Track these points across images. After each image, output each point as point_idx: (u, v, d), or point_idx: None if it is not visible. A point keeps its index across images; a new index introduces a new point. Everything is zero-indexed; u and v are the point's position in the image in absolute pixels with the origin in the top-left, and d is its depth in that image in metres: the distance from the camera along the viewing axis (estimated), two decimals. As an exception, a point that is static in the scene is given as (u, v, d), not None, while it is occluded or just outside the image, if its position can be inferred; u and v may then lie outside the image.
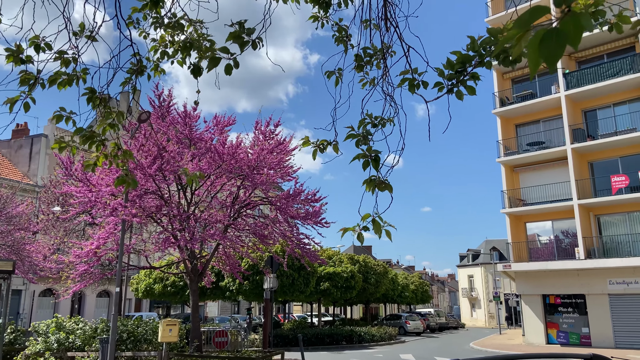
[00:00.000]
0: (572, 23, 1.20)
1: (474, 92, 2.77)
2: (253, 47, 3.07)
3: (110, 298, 37.76)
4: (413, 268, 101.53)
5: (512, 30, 1.32)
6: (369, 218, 2.82)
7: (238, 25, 3.00)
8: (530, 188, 28.03)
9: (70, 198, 18.91)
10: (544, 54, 1.21)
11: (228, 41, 3.04)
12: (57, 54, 3.26)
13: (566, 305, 25.85)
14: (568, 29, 1.20)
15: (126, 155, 3.43)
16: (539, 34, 1.23)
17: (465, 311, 71.10)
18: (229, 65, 3.06)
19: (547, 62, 1.23)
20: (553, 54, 1.21)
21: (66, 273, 17.31)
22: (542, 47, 1.22)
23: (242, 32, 3.00)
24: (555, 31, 1.22)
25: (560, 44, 1.20)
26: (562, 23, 1.21)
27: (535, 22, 1.33)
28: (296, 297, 27.99)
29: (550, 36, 1.21)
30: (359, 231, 2.85)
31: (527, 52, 1.26)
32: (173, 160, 15.58)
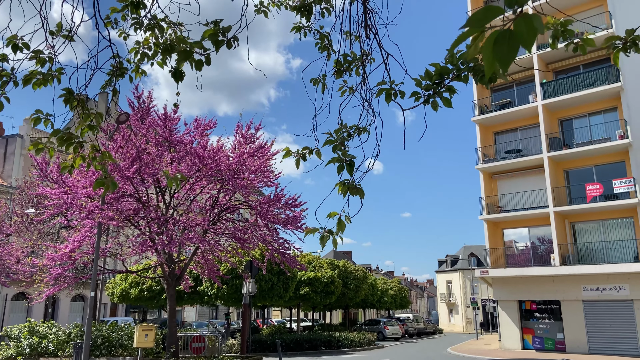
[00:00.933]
0: (524, 25, 1.18)
1: (449, 105, 2.81)
2: (228, 46, 3.06)
3: (85, 302, 37.05)
4: (392, 273, 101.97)
5: (469, 27, 1.29)
6: (335, 216, 2.84)
7: (213, 24, 2.99)
8: (508, 195, 28.46)
9: (45, 200, 18.53)
10: (498, 55, 1.19)
11: (204, 39, 3.03)
12: (32, 53, 3.20)
13: (542, 311, 26.25)
14: (521, 31, 1.18)
15: (105, 157, 3.37)
16: (493, 35, 1.21)
17: (443, 316, 71.65)
18: (199, 61, 3.05)
19: (500, 63, 1.21)
20: (506, 56, 1.19)
21: (40, 276, 16.96)
22: (496, 49, 1.20)
23: (217, 31, 2.99)
24: (508, 32, 1.20)
25: (513, 46, 1.19)
26: (515, 24, 1.19)
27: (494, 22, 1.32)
28: (275, 302, 27.85)
29: (504, 38, 1.20)
30: (324, 233, 2.87)
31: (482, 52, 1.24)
32: (152, 163, 15.40)
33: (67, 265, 15.69)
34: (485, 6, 1.28)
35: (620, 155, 25.26)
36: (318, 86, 3.72)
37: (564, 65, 28.06)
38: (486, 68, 1.24)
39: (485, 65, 1.24)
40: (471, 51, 1.35)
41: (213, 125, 18.40)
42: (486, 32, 1.36)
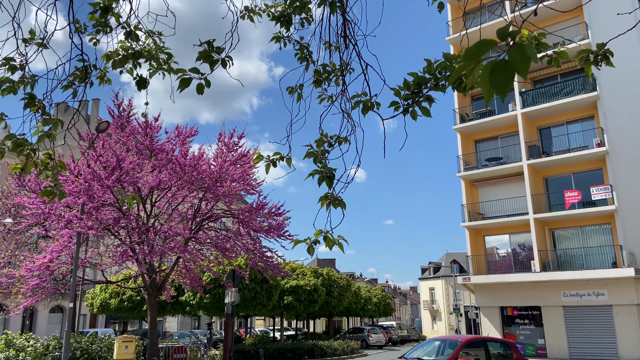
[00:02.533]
0: (518, 54, 1.27)
1: (428, 114, 2.85)
2: (223, 65, 3.07)
3: (63, 314, 36.31)
4: (376, 281, 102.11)
5: (463, 62, 1.39)
6: (320, 235, 2.88)
7: (207, 44, 3.01)
8: (489, 202, 28.79)
9: (23, 209, 18.17)
10: (495, 84, 1.28)
11: (198, 61, 3.04)
12: (3, 60, 3.15)
13: (523, 317, 26.52)
14: (515, 60, 1.27)
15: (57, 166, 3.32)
16: (489, 65, 1.30)
17: (426, 323, 71.88)
18: (200, 85, 3.06)
19: (498, 91, 1.30)
20: (503, 84, 1.27)
21: (17, 287, 16.58)
22: (492, 78, 1.28)
23: (211, 51, 3.00)
24: (503, 62, 1.28)
25: (509, 74, 1.27)
26: (509, 54, 1.28)
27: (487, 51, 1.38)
28: (258, 311, 27.64)
29: (499, 67, 1.28)
30: (310, 244, 2.91)
31: (480, 82, 1.33)
32: (132, 172, 15.23)
33: (45, 276, 15.38)
34: (479, 41, 1.38)
35: (597, 163, 25.78)
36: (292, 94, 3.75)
37: (542, 75, 28.61)
38: (485, 94, 1.33)
39: (484, 91, 1.32)
40: (470, 79, 1.43)
41: (194, 133, 18.30)
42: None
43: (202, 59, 3.00)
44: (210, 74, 3.13)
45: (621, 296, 23.47)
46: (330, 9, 3.39)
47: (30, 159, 3.18)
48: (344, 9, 3.37)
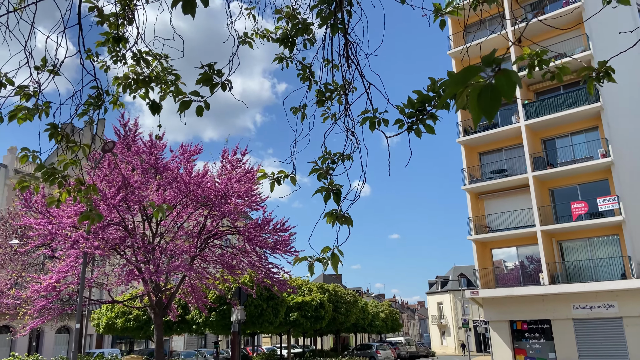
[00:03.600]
0: (504, 80, 1.31)
1: (432, 131, 2.88)
2: (223, 88, 3.11)
3: (70, 334, 36.16)
4: (383, 296, 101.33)
5: (450, 87, 1.43)
6: (328, 252, 2.87)
7: (208, 67, 3.05)
8: (495, 215, 28.64)
9: (30, 230, 18.24)
10: (482, 107, 1.32)
11: (198, 84, 3.08)
12: (17, 89, 3.21)
13: (533, 330, 26.19)
14: (501, 85, 1.31)
15: (89, 190, 3.37)
16: (476, 89, 1.35)
17: (435, 339, 71.05)
18: (200, 107, 3.10)
19: (485, 115, 1.34)
20: (490, 108, 1.32)
21: (24, 309, 16.57)
22: (480, 102, 1.33)
23: (212, 74, 3.04)
24: (490, 87, 1.33)
25: (496, 98, 1.31)
26: (496, 79, 1.32)
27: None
28: (265, 329, 27.45)
29: (487, 91, 1.33)
30: (311, 262, 2.91)
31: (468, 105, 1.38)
32: (138, 191, 15.30)
33: (51, 297, 15.37)
34: (465, 68, 1.42)
35: (603, 174, 25.66)
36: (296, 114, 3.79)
37: (544, 87, 28.67)
38: (473, 117, 1.37)
39: (472, 115, 1.36)
40: (459, 103, 1.48)
41: (199, 151, 18.39)
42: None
43: (202, 82, 3.04)
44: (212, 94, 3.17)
45: (631, 308, 23.16)
46: (332, 31, 3.44)
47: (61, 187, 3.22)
48: (345, 30, 3.42)
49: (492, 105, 1.31)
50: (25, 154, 3.29)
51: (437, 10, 3.59)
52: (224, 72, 3.11)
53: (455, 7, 3.59)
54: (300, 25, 3.70)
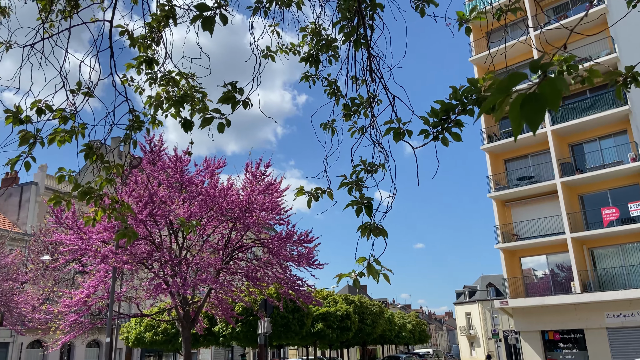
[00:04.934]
0: (549, 87, 1.24)
1: (459, 139, 2.86)
2: (244, 106, 3.18)
3: (100, 348, 36.69)
4: (409, 307, 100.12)
5: (493, 95, 1.36)
6: (364, 262, 2.87)
7: (230, 86, 3.12)
8: (523, 222, 28.11)
9: (60, 246, 18.65)
10: (525, 118, 1.26)
11: (219, 103, 3.15)
12: (55, 112, 3.33)
13: (565, 340, 25.49)
14: (546, 93, 1.24)
15: (124, 208, 3.45)
16: (519, 98, 1.28)
17: (464, 350, 69.74)
18: (221, 124, 3.16)
19: (529, 125, 1.27)
20: (534, 118, 1.25)
21: (55, 324, 16.89)
22: (523, 112, 1.26)
23: (234, 92, 3.11)
24: (534, 96, 1.26)
25: (540, 107, 1.25)
26: (540, 87, 1.26)
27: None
28: (291, 340, 27.38)
29: (530, 100, 1.26)
30: (355, 277, 2.91)
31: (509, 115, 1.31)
32: (164, 205, 15.52)
33: (82, 311, 15.64)
34: (511, 74, 1.36)
35: (633, 178, 25.00)
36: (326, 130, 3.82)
37: (570, 91, 28.14)
38: (513, 128, 1.30)
39: (513, 126, 1.30)
40: (498, 114, 1.42)
41: (222, 165, 18.57)
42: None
43: (223, 101, 3.12)
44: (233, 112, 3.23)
45: (670, 316, 22.38)
46: (355, 47, 3.47)
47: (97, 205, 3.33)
48: (368, 44, 3.45)
49: (536, 115, 1.24)
50: (62, 174, 3.40)
51: (462, 18, 3.59)
52: (244, 90, 3.17)
53: (479, 12, 3.58)
54: (324, 42, 3.74)
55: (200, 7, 2.81)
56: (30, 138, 3.21)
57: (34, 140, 3.21)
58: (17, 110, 3.30)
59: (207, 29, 2.88)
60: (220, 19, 2.96)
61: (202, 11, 2.83)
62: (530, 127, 1.28)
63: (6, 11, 4.88)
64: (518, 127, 1.29)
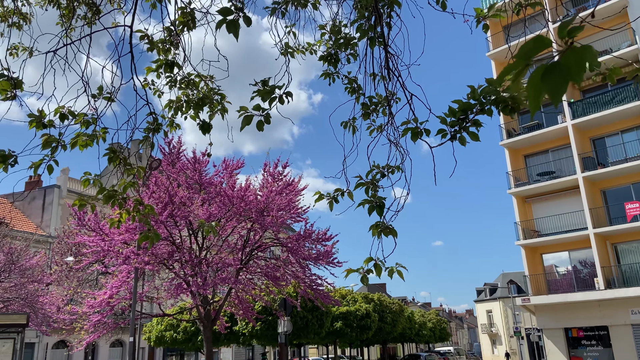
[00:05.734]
0: (574, 57, 1.14)
1: (477, 138, 2.84)
2: (280, 102, 3.20)
3: (123, 348, 37.26)
4: (429, 305, 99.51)
5: (515, 61, 1.26)
6: (371, 262, 2.90)
7: (262, 83, 3.14)
8: (544, 218, 27.70)
9: (84, 248, 18.99)
10: (548, 88, 1.15)
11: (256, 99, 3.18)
12: (77, 117, 3.40)
13: (589, 338, 25.07)
14: (570, 63, 1.14)
15: (147, 210, 3.51)
16: (539, 69, 1.17)
17: (486, 348, 69.05)
18: (260, 122, 3.20)
19: (551, 96, 1.17)
20: (557, 89, 1.15)
21: (80, 324, 17.20)
22: (545, 82, 1.16)
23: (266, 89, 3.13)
24: (557, 65, 1.16)
25: (563, 78, 1.14)
26: (564, 57, 1.15)
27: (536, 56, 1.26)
28: (311, 339, 27.46)
29: (553, 70, 1.16)
30: (363, 273, 2.93)
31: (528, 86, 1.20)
32: (184, 206, 15.69)
33: (106, 312, 15.91)
34: (535, 37, 1.26)
35: (658, 172, 24.45)
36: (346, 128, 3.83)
37: (591, 84, 27.63)
38: (531, 104, 1.20)
39: (531, 99, 1.20)
40: (514, 86, 1.32)
41: (241, 165, 18.70)
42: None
43: (262, 96, 3.12)
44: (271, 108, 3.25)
45: (698, 313, 21.84)
46: (370, 44, 3.46)
47: (121, 208, 3.40)
48: (385, 43, 3.45)
49: (559, 85, 1.13)
50: (87, 178, 3.48)
51: (479, 15, 3.56)
52: (282, 85, 3.20)
53: (497, 10, 3.54)
54: (343, 40, 3.75)
55: (224, 12, 2.85)
56: (53, 142, 3.28)
57: (57, 144, 3.28)
58: (41, 115, 3.38)
59: (232, 32, 2.91)
60: (244, 21, 2.99)
61: (225, 15, 2.86)
62: (551, 99, 1.17)
63: (27, 17, 4.99)
64: (537, 100, 1.18)
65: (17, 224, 32.59)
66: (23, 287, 20.95)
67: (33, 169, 3.38)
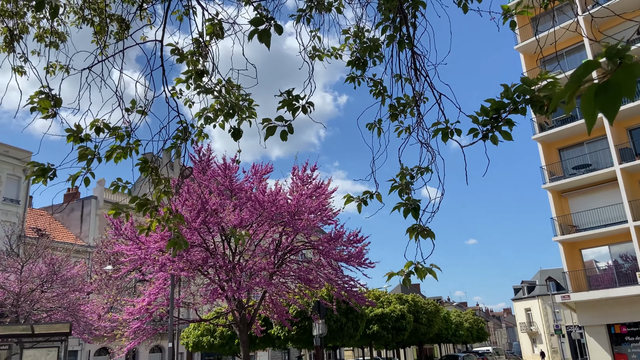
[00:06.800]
0: (624, 74, 1.19)
1: (509, 138, 2.81)
2: (304, 111, 3.25)
3: (162, 353, 37.97)
4: (465, 304, 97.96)
5: (567, 85, 1.32)
6: (411, 266, 2.89)
7: (287, 94, 3.20)
8: (582, 213, 26.94)
9: (121, 256, 19.48)
10: (601, 106, 1.21)
11: (281, 109, 3.25)
12: (112, 131, 3.52)
13: (633, 334, 24.22)
14: (621, 81, 1.19)
15: (176, 219, 3.60)
16: (592, 88, 1.23)
17: (526, 347, 67.50)
18: (284, 132, 3.25)
19: (605, 114, 1.22)
20: (610, 107, 1.20)
21: (120, 331, 17.61)
22: (598, 102, 1.21)
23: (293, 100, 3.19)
24: (608, 84, 1.21)
25: (616, 96, 1.20)
26: (614, 75, 1.20)
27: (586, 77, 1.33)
28: (346, 342, 27.40)
29: (605, 89, 1.21)
30: (404, 277, 2.93)
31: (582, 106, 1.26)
32: (216, 213, 15.92)
33: (144, 318, 16.26)
34: (585, 62, 1.33)
35: (701, 160, 23.47)
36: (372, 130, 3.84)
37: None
38: (587, 121, 1.26)
39: (586, 118, 1.26)
40: (568, 107, 1.38)
41: (270, 170, 18.84)
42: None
43: (286, 106, 3.18)
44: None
45: None
46: (399, 47, 3.47)
47: (153, 216, 3.50)
48: (412, 44, 3.44)
49: (613, 103, 1.19)
50: (117, 185, 3.59)
51: (506, 12, 3.52)
52: (304, 96, 3.24)
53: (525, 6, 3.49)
54: (369, 43, 3.77)
55: (255, 22, 2.92)
56: (89, 154, 3.41)
57: (92, 157, 3.40)
58: (78, 129, 3.51)
59: (264, 42, 3.00)
60: (275, 29, 3.06)
61: (257, 25, 2.92)
62: (607, 117, 1.22)
63: (63, 36, 5.19)
64: (592, 119, 1.23)
65: (57, 235, 33.68)
66: (65, 296, 21.62)
67: (71, 182, 3.50)
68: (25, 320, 19.80)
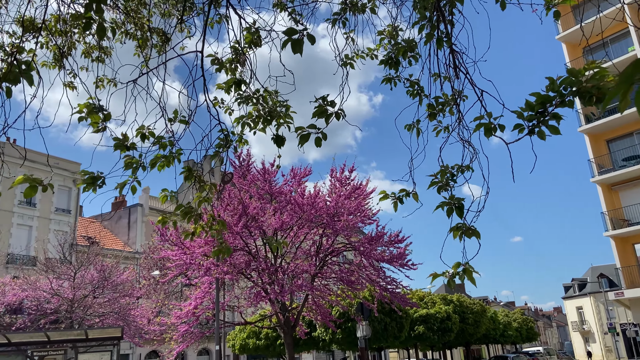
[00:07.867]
0: None
1: (557, 132, 2.72)
2: (337, 118, 3.27)
3: (210, 356, 38.74)
4: (513, 304, 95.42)
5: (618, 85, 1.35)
6: (459, 267, 2.83)
7: (321, 100, 3.23)
8: (634, 206, 25.77)
9: (168, 262, 20.02)
10: None
11: (314, 117, 3.29)
12: (156, 140, 3.64)
13: (698, 333, 22.95)
14: None
15: (220, 226, 3.68)
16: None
17: (578, 346, 65.06)
18: (318, 139, 3.29)
19: None
20: None
21: (169, 334, 18.07)
22: None
23: (325, 106, 3.22)
24: None
25: None
26: None
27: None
28: (391, 343, 27.15)
29: None
30: (449, 278, 2.88)
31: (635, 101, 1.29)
32: (257, 217, 16.13)
33: (192, 322, 16.65)
34: (634, 62, 1.35)
35: None
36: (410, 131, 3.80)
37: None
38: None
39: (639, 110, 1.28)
40: (622, 105, 1.40)
41: (308, 173, 18.92)
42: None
43: (318, 115, 3.22)
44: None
45: None
46: (437, 46, 3.43)
47: (197, 223, 3.61)
48: (450, 42, 3.39)
49: None
50: (165, 195, 3.72)
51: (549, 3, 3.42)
52: (335, 103, 3.26)
53: (566, -4, 3.39)
54: (403, 44, 3.75)
55: (289, 32, 2.96)
56: (134, 163, 3.53)
57: (137, 165, 3.52)
58: (124, 138, 3.64)
59: (297, 51, 3.05)
60: (308, 39, 3.10)
61: (290, 35, 2.96)
62: None
63: (108, 51, 5.40)
64: None
65: (107, 243, 34.95)
66: (116, 301, 22.40)
67: (118, 190, 3.63)
68: (79, 325, 20.62)
